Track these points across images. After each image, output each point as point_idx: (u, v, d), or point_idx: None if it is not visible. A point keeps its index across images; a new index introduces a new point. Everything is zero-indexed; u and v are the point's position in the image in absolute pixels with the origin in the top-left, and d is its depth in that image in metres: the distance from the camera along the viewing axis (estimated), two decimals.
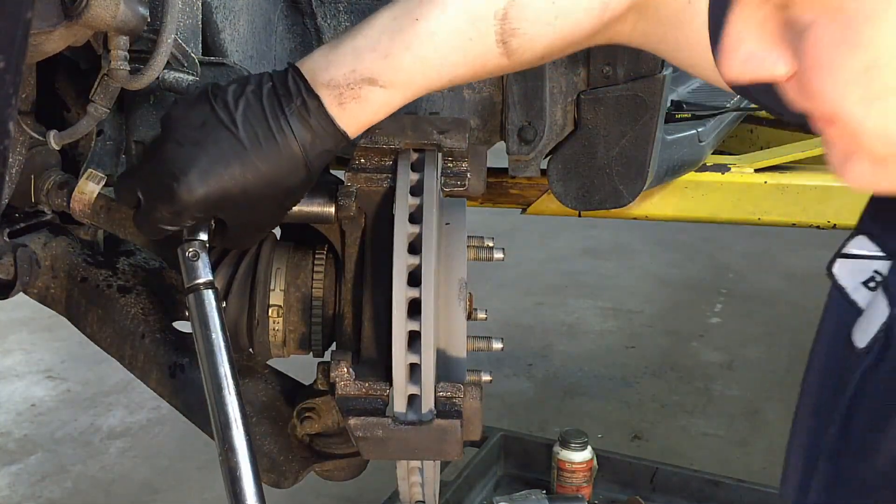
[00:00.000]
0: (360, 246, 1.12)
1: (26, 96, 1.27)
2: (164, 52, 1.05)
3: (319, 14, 1.45)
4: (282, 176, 0.95)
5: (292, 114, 0.94)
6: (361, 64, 0.94)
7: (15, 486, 3.11)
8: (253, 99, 0.95)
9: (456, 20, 0.93)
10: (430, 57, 0.94)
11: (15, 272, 1.33)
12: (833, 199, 1.87)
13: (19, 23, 0.68)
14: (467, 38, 0.93)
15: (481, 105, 1.50)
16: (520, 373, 3.87)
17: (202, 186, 0.94)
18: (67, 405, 3.68)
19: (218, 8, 1.22)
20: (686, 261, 5.14)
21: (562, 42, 0.96)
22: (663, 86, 1.41)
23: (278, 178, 0.95)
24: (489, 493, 2.48)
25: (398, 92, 0.96)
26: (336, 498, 2.94)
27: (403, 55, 0.93)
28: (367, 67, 0.94)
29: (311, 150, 0.95)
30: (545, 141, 1.45)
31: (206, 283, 1.03)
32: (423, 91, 0.98)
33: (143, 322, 1.38)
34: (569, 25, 0.94)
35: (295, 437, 1.33)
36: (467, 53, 0.95)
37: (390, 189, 1.08)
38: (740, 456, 3.17)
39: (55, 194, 1.32)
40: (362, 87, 0.94)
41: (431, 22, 0.92)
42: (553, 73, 1.42)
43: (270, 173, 0.95)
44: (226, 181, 0.94)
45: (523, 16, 0.92)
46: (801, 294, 4.73)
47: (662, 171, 1.63)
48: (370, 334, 1.09)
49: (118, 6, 0.98)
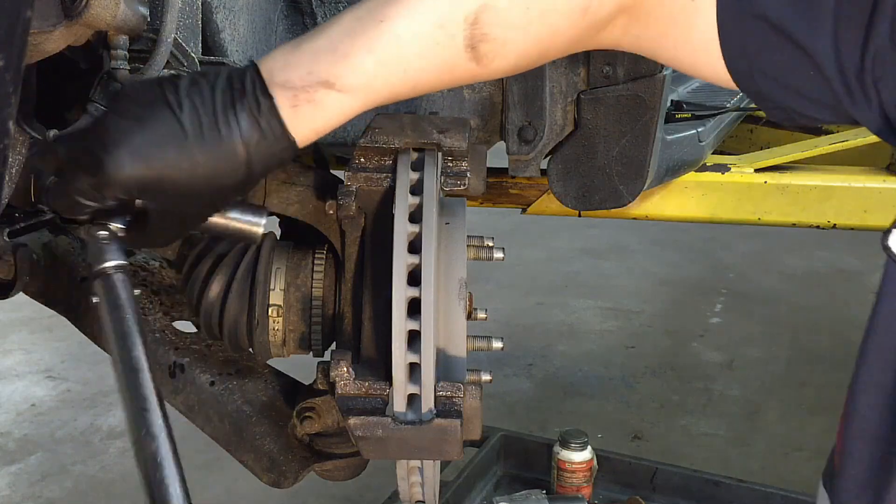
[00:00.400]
0: (359, 246, 1.12)
1: (26, 96, 1.27)
2: (164, 52, 1.05)
3: (319, 14, 1.45)
4: (218, 171, 0.91)
5: (242, 110, 0.90)
6: (319, 66, 0.90)
7: (15, 486, 3.11)
8: (206, 89, 0.90)
9: (423, 23, 0.88)
10: (393, 61, 0.90)
11: (15, 272, 1.33)
12: (833, 199, 1.87)
13: (19, 22, 0.68)
14: (434, 43, 0.89)
15: (481, 105, 1.50)
16: (520, 373, 3.87)
17: (132, 164, 0.89)
18: (67, 405, 3.69)
19: (218, 8, 1.22)
20: (686, 261, 5.14)
21: (537, 49, 0.92)
22: (663, 86, 1.41)
23: (214, 172, 0.91)
24: (489, 493, 2.49)
25: (356, 97, 0.91)
26: (336, 498, 2.94)
27: (364, 58, 0.89)
28: (325, 69, 0.89)
29: (254, 150, 0.90)
30: (545, 141, 1.45)
31: (116, 267, 0.97)
32: (385, 98, 0.94)
33: (142, 322, 1.38)
34: (545, 31, 0.90)
35: (295, 437, 1.33)
36: (434, 58, 0.90)
37: (390, 188, 1.08)
38: (740, 456, 3.17)
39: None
40: (318, 91, 0.90)
41: (397, 24, 0.88)
42: (553, 73, 1.42)
43: (207, 166, 0.90)
44: (157, 164, 0.89)
45: (495, 21, 0.88)
46: (801, 294, 4.73)
47: (662, 171, 1.63)
48: (370, 334, 1.09)
49: (118, 6, 0.98)
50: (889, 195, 1.87)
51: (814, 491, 0.91)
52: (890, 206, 1.87)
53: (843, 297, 4.77)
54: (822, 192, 1.87)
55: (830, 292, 4.79)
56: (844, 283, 5.08)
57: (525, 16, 0.88)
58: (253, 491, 2.97)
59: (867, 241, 4.95)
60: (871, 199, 1.87)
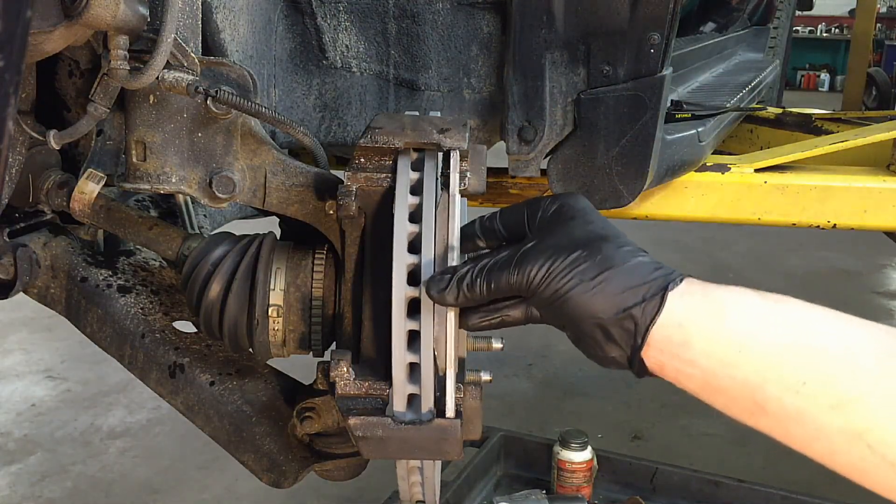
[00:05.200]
0: (359, 246, 1.12)
1: (26, 96, 1.27)
2: (164, 52, 1.05)
3: (319, 14, 1.45)
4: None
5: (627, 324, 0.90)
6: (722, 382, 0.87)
7: (15, 486, 3.11)
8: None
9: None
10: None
11: (15, 272, 1.34)
12: (833, 199, 1.87)
13: (19, 22, 0.68)
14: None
15: (481, 105, 1.50)
16: (520, 373, 3.87)
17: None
18: (67, 405, 3.69)
19: (218, 8, 1.22)
20: (686, 261, 5.14)
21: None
22: (663, 86, 1.41)
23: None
24: (489, 493, 2.49)
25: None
26: (336, 498, 2.94)
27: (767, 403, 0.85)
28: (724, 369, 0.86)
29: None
30: (545, 141, 1.45)
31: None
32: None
33: (143, 322, 1.38)
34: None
35: (295, 437, 1.33)
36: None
37: (390, 188, 1.08)
38: (740, 456, 3.17)
39: (55, 194, 1.32)
40: (687, 379, 0.89)
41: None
42: (553, 73, 1.42)
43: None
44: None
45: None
46: (801, 294, 4.72)
47: (662, 171, 1.62)
48: (370, 334, 1.09)
49: (118, 6, 0.98)
50: (889, 195, 1.86)
51: (814, 491, 0.91)
52: (890, 206, 1.87)
53: (843, 297, 4.78)
54: (821, 192, 1.87)
55: (830, 292, 4.79)
56: (844, 283, 5.08)
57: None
58: (253, 491, 2.97)
59: (867, 241, 4.96)
60: (871, 199, 1.87)
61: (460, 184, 1.06)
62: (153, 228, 1.29)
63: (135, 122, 1.15)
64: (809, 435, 0.85)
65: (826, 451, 0.85)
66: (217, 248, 1.21)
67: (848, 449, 0.83)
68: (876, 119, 2.40)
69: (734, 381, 0.87)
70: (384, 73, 1.49)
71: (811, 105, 3.30)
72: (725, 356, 0.87)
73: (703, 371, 0.88)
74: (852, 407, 0.82)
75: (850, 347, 0.85)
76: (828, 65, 17.17)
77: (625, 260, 0.91)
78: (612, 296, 0.90)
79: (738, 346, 0.86)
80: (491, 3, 1.44)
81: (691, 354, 0.88)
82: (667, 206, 1.87)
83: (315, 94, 1.50)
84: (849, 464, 0.84)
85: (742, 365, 0.86)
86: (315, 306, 1.19)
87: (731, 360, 0.87)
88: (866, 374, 0.83)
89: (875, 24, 12.49)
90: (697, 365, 0.88)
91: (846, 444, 0.83)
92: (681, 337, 0.88)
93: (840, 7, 16.28)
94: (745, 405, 0.88)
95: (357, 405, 1.04)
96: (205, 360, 1.37)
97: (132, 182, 1.17)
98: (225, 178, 1.17)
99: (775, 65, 3.66)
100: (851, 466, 0.84)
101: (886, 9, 16.52)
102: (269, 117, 1.14)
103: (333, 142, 1.53)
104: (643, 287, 0.90)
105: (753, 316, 0.88)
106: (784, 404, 0.85)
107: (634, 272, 0.91)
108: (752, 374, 0.86)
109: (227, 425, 1.36)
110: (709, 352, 0.87)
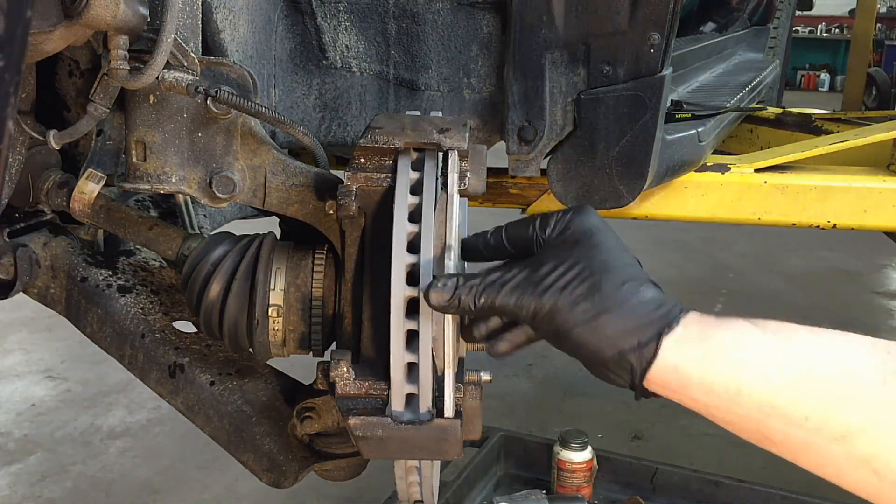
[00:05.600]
0: (359, 246, 1.12)
1: (26, 96, 1.27)
2: (164, 52, 1.05)
3: (319, 14, 1.45)
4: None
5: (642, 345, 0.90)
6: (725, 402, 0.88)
7: (15, 486, 3.11)
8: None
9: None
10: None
11: (15, 272, 1.34)
12: (833, 199, 1.87)
13: (19, 22, 0.68)
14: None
15: (481, 105, 1.50)
16: (520, 373, 3.87)
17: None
18: (67, 405, 3.69)
19: (218, 8, 1.22)
20: (686, 261, 5.14)
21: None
22: (663, 86, 1.41)
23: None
24: (489, 493, 2.49)
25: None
26: (336, 498, 2.94)
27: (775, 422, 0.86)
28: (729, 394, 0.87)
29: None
30: (545, 141, 1.45)
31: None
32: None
33: (143, 322, 1.38)
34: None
35: (295, 437, 1.33)
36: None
37: (390, 188, 1.08)
38: (740, 456, 3.17)
39: (55, 194, 1.32)
40: (692, 402, 0.90)
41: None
42: (553, 72, 1.42)
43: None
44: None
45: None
46: (801, 294, 4.73)
47: (662, 171, 1.62)
48: (370, 334, 1.09)
49: (118, 6, 0.98)
50: (889, 195, 1.87)
51: (814, 491, 0.92)
52: (890, 206, 1.87)
53: (843, 297, 4.78)
54: (821, 192, 1.87)
55: (830, 292, 4.79)
56: (844, 283, 5.08)
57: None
58: (253, 491, 2.97)
59: (867, 241, 4.95)
60: (871, 199, 1.87)
61: (460, 184, 1.06)
62: (153, 228, 1.29)
63: (135, 122, 1.15)
64: (817, 462, 0.86)
65: (834, 475, 0.86)
66: (217, 248, 1.21)
67: (856, 474, 0.84)
68: (876, 119, 2.40)
69: (737, 415, 0.89)
70: (384, 73, 1.49)
71: (811, 105, 3.30)
72: (725, 395, 0.88)
73: (706, 405, 0.90)
74: (857, 436, 0.83)
75: (852, 374, 0.85)
76: (828, 65, 17.16)
77: (624, 299, 0.91)
78: (609, 338, 0.91)
79: (736, 387, 0.87)
80: (491, 3, 1.44)
81: (691, 392, 0.90)
82: (667, 206, 1.87)
83: (315, 94, 1.50)
84: (858, 487, 0.85)
85: (743, 403, 0.88)
86: (315, 306, 1.19)
87: (731, 398, 0.88)
88: (869, 401, 0.83)
89: (875, 24, 12.49)
90: (699, 401, 0.90)
91: (853, 470, 0.84)
92: (678, 380, 0.90)
93: (840, 7, 16.28)
94: (752, 435, 0.90)
95: (357, 405, 1.04)
96: (205, 360, 1.37)
97: (132, 182, 1.17)
98: (225, 178, 1.17)
99: (775, 65, 3.66)
100: (861, 489, 0.85)
101: (886, 9, 16.51)
102: (269, 117, 1.14)
103: (333, 142, 1.53)
104: (639, 331, 0.90)
105: (753, 355, 0.88)
106: (789, 436, 0.86)
107: (632, 314, 0.91)
108: (755, 410, 0.87)
109: (227, 425, 1.36)
110: (708, 391, 0.89)
